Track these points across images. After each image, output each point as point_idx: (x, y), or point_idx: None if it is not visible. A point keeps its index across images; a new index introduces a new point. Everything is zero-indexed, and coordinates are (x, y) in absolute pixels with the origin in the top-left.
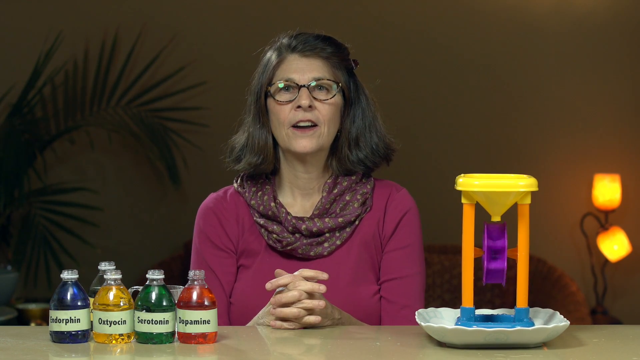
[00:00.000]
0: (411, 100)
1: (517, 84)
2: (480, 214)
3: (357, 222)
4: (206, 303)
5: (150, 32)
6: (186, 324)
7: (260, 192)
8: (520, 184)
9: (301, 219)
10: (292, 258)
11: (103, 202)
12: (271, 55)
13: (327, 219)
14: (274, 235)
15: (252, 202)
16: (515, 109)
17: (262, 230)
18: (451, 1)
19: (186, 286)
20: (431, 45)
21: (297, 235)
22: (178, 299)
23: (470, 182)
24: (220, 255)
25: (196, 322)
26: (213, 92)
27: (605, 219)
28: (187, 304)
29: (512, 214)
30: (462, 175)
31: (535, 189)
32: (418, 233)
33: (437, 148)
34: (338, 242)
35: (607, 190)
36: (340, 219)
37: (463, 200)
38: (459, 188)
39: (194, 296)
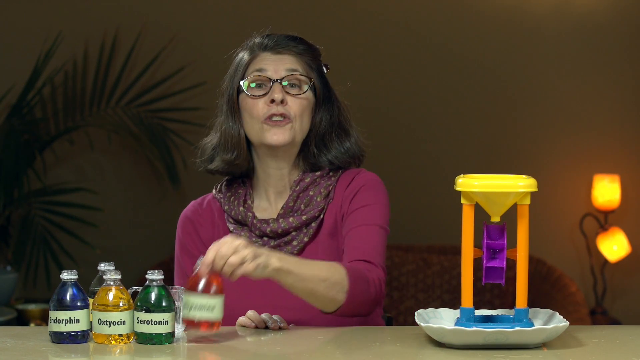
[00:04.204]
0: (411, 101)
1: (516, 84)
2: (480, 214)
3: (321, 216)
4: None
5: (149, 33)
6: (190, 309)
7: (232, 197)
8: (520, 184)
9: (266, 221)
10: None
11: (102, 202)
12: (243, 55)
13: (291, 219)
14: None
15: (226, 207)
16: (515, 109)
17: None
18: (451, 1)
19: (194, 273)
20: (430, 45)
21: (265, 238)
22: (187, 283)
23: (469, 183)
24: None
25: (202, 307)
26: (212, 92)
27: (604, 220)
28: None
29: (511, 214)
30: (462, 175)
31: (534, 189)
32: (381, 196)
33: (436, 148)
34: (306, 239)
35: (606, 191)
36: (304, 217)
37: (462, 201)
38: (458, 188)
39: (202, 283)
